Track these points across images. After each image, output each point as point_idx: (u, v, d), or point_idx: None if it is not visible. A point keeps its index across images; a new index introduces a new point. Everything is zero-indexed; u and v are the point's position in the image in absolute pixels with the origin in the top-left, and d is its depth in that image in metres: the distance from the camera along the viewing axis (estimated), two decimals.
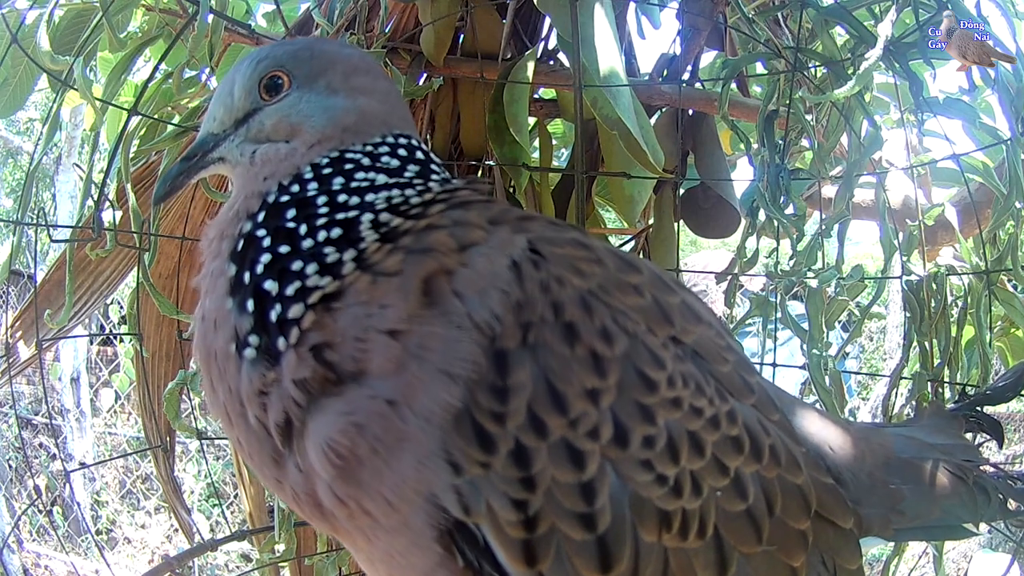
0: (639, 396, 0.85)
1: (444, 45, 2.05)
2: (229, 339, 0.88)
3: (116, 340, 6.82)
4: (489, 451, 0.80)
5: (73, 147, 6.35)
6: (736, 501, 0.91)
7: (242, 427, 0.90)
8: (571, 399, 0.81)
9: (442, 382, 0.80)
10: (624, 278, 0.91)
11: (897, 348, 3.83)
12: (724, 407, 0.93)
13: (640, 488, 0.84)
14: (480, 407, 0.80)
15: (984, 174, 2.00)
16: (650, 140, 1.84)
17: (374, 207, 0.90)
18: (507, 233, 0.89)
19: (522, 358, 0.81)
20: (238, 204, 0.95)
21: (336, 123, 0.98)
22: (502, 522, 0.80)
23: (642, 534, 0.84)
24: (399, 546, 0.85)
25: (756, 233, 1.99)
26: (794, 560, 0.96)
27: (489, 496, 0.80)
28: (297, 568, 2.01)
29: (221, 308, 0.89)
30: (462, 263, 0.84)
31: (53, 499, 5.28)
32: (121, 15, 1.84)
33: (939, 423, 1.34)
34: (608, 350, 0.84)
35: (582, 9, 1.76)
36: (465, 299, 0.82)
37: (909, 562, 2.37)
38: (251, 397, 0.86)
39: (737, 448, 0.92)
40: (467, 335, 0.81)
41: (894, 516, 1.12)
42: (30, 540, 5.80)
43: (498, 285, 0.83)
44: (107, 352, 7.34)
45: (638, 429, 0.84)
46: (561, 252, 0.88)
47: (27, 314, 2.14)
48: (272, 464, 0.89)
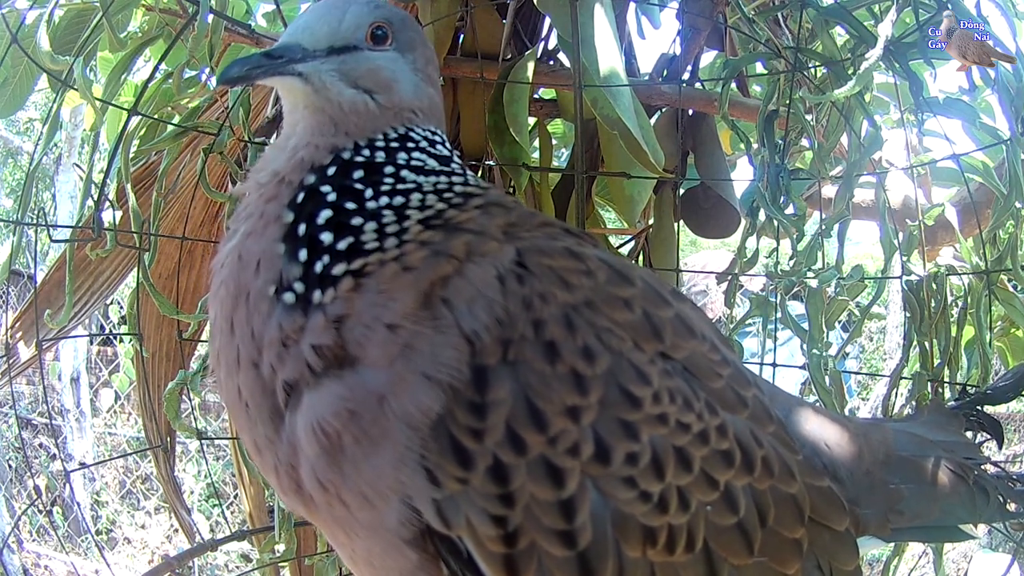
0: (622, 413, 0.85)
1: (444, 45, 2.05)
2: (270, 281, 0.87)
3: (116, 340, 6.82)
4: (467, 467, 0.80)
5: (73, 147, 6.35)
6: (727, 515, 0.91)
7: (250, 375, 0.88)
8: (550, 416, 0.81)
9: (423, 385, 0.80)
10: (614, 291, 0.91)
11: (897, 348, 3.84)
12: (714, 421, 0.92)
13: (623, 505, 0.84)
14: (458, 423, 0.80)
15: (984, 174, 2.00)
16: (650, 140, 1.84)
17: (422, 188, 0.92)
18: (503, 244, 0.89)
19: (501, 375, 0.81)
20: (303, 152, 0.93)
21: (419, 99, 0.99)
22: (482, 537, 0.80)
23: (625, 550, 0.84)
24: (376, 548, 0.85)
25: (756, 233, 1.99)
26: (788, 568, 0.96)
27: (468, 511, 0.80)
28: (297, 568, 2.01)
29: (270, 251, 0.88)
30: (459, 272, 0.85)
31: (53, 499, 5.28)
32: (121, 15, 1.84)
33: (940, 420, 1.34)
34: (589, 368, 0.84)
35: (582, 9, 1.75)
36: (454, 307, 0.83)
37: (909, 562, 2.37)
38: (273, 343, 0.86)
39: (727, 462, 0.92)
40: (451, 344, 0.81)
41: (892, 516, 1.11)
42: (30, 540, 5.80)
43: (487, 296, 0.83)
44: (107, 352, 7.34)
45: (620, 446, 0.84)
46: (549, 263, 0.88)
47: (27, 314, 2.14)
48: (268, 422, 0.88)
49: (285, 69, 0.92)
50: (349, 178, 0.91)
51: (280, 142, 0.99)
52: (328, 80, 0.94)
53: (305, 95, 0.95)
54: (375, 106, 0.95)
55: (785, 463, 0.98)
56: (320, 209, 0.89)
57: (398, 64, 0.97)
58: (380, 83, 0.96)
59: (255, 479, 1.90)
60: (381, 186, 0.91)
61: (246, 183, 0.97)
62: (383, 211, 0.89)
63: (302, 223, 0.88)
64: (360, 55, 0.96)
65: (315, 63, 0.93)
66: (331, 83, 0.94)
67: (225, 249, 0.94)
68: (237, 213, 0.96)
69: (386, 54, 0.97)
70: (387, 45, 0.97)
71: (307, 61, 0.93)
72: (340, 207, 0.89)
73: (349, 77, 0.95)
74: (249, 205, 0.94)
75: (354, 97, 0.95)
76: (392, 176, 0.92)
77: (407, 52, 0.99)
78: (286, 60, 0.92)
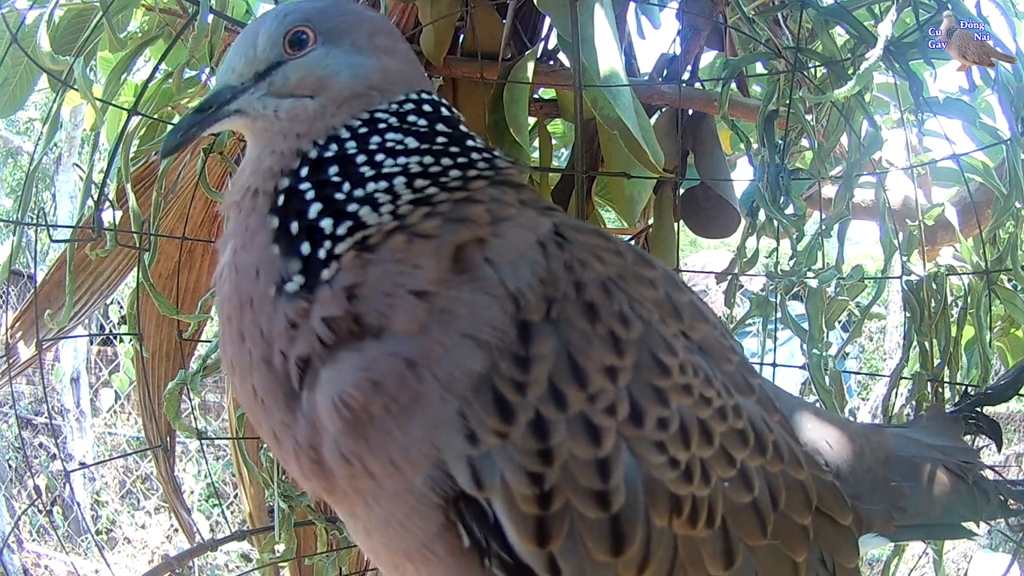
0: (654, 379, 0.86)
1: (444, 45, 2.05)
2: (271, 282, 0.87)
3: (116, 340, 6.82)
4: (508, 420, 0.80)
5: (73, 147, 6.36)
6: (743, 492, 0.92)
7: (262, 371, 0.88)
8: (591, 374, 0.82)
9: (466, 347, 0.81)
10: (640, 271, 0.94)
11: (897, 348, 3.83)
12: (731, 401, 0.94)
13: (653, 470, 0.85)
14: (501, 375, 0.80)
15: (984, 174, 2.00)
16: (650, 140, 1.84)
17: (408, 170, 0.90)
18: (535, 214, 0.91)
19: (545, 331, 0.82)
20: (267, 161, 0.93)
21: (363, 80, 0.96)
22: (516, 497, 0.80)
23: (654, 518, 0.84)
24: (399, 513, 0.85)
25: (756, 233, 1.99)
26: (797, 555, 0.96)
27: (504, 469, 0.79)
28: (297, 568, 2.01)
29: (265, 256, 0.88)
30: (495, 234, 0.86)
31: (53, 499, 5.28)
32: (121, 15, 1.85)
33: (938, 425, 1.35)
34: (625, 332, 0.86)
35: (582, 9, 1.75)
36: (497, 267, 0.84)
37: (909, 562, 2.37)
38: (282, 332, 0.86)
39: (743, 441, 0.93)
40: (496, 302, 0.82)
41: (896, 513, 1.12)
42: (30, 540, 5.80)
43: (529, 257, 0.85)
44: (107, 352, 7.34)
45: (653, 410, 0.85)
46: (584, 239, 0.91)
47: (27, 314, 2.14)
48: (284, 407, 0.88)
49: (219, 114, 0.95)
50: (325, 173, 0.90)
51: (243, 163, 0.99)
52: (261, 104, 0.95)
53: (248, 126, 0.96)
54: (317, 107, 0.94)
55: (793, 450, 1.00)
56: (308, 205, 0.88)
57: (329, 57, 0.96)
58: (314, 84, 0.95)
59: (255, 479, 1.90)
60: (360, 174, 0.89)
61: (225, 203, 0.97)
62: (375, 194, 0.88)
63: (292, 222, 0.88)
64: (285, 67, 0.95)
65: (246, 96, 0.95)
66: (265, 105, 0.95)
67: (219, 266, 0.94)
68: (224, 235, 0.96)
69: (311, 54, 0.96)
70: (311, 45, 0.96)
71: (239, 97, 0.95)
72: (330, 198, 0.88)
73: (282, 92, 0.95)
74: (230, 223, 0.94)
75: (293, 105, 0.94)
76: (368, 165, 0.90)
77: (340, 39, 0.97)
78: (218, 106, 0.95)
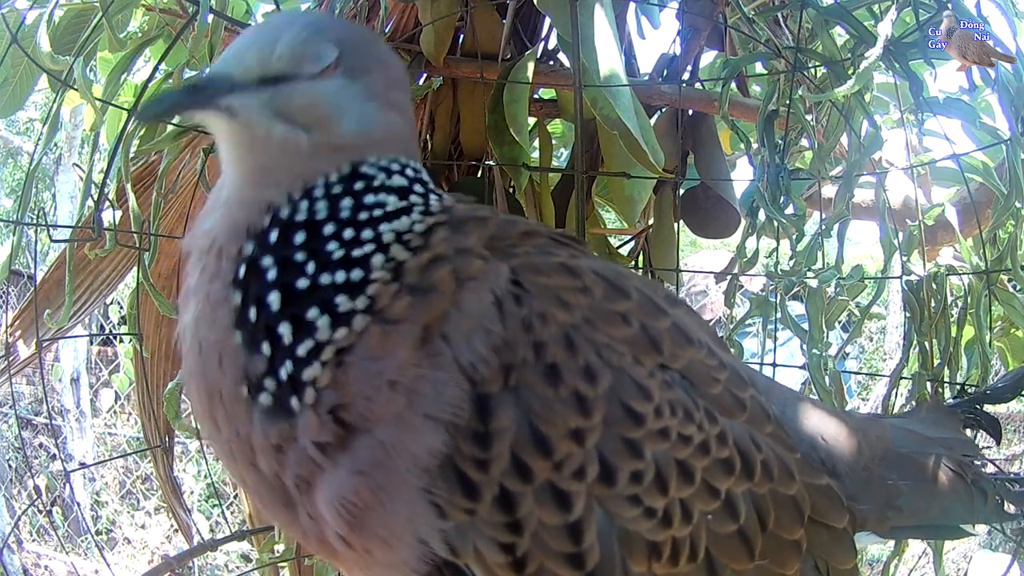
0: (625, 431, 0.84)
1: (444, 45, 2.05)
2: (238, 380, 0.81)
3: (116, 340, 6.81)
4: (473, 498, 0.79)
5: (73, 147, 6.35)
6: (728, 523, 0.91)
7: (251, 472, 0.85)
8: (555, 441, 0.80)
9: (428, 428, 0.78)
10: (611, 307, 0.89)
11: (897, 348, 3.83)
12: (714, 430, 0.92)
13: (628, 523, 0.84)
14: (463, 454, 0.78)
15: (984, 174, 2.00)
16: (650, 140, 1.84)
17: (382, 241, 0.83)
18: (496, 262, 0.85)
19: (504, 401, 0.79)
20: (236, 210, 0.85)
21: (367, 133, 0.86)
22: (491, 564, 0.80)
23: (632, 566, 0.84)
24: None
25: (756, 233, 1.99)
26: (787, 570, 0.96)
27: (476, 540, 0.79)
28: (297, 568, 2.01)
29: (226, 343, 0.82)
30: (454, 303, 0.81)
31: (53, 499, 5.27)
32: (121, 15, 1.84)
33: (938, 417, 1.34)
34: (591, 389, 0.82)
35: (582, 9, 1.75)
36: (452, 343, 0.80)
37: (909, 562, 2.37)
38: (266, 449, 0.82)
39: (728, 469, 0.92)
40: (452, 380, 0.79)
41: (891, 512, 1.11)
42: (30, 540, 5.80)
43: (483, 326, 0.80)
44: (107, 352, 7.33)
45: (625, 465, 0.83)
46: (546, 282, 0.85)
47: (27, 314, 2.14)
48: (283, 510, 0.87)
49: (209, 103, 0.81)
50: (290, 246, 0.82)
51: (215, 191, 0.91)
52: (255, 116, 0.82)
53: (231, 133, 0.84)
54: (308, 145, 0.83)
55: (784, 464, 0.98)
56: (267, 292, 0.81)
57: (344, 93, 0.85)
58: (317, 118, 0.84)
59: None
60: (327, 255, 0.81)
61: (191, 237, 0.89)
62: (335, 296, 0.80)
63: (251, 306, 0.81)
64: (295, 86, 0.83)
65: (246, 96, 0.81)
66: (258, 119, 0.82)
67: (181, 324, 0.88)
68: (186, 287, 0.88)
69: (329, 83, 0.84)
70: (330, 72, 0.84)
71: (235, 93, 0.81)
72: (290, 288, 0.81)
73: (281, 112, 0.82)
74: (193, 276, 0.87)
75: (285, 135, 0.83)
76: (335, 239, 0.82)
77: (360, 77, 0.86)
78: (211, 93, 0.81)
